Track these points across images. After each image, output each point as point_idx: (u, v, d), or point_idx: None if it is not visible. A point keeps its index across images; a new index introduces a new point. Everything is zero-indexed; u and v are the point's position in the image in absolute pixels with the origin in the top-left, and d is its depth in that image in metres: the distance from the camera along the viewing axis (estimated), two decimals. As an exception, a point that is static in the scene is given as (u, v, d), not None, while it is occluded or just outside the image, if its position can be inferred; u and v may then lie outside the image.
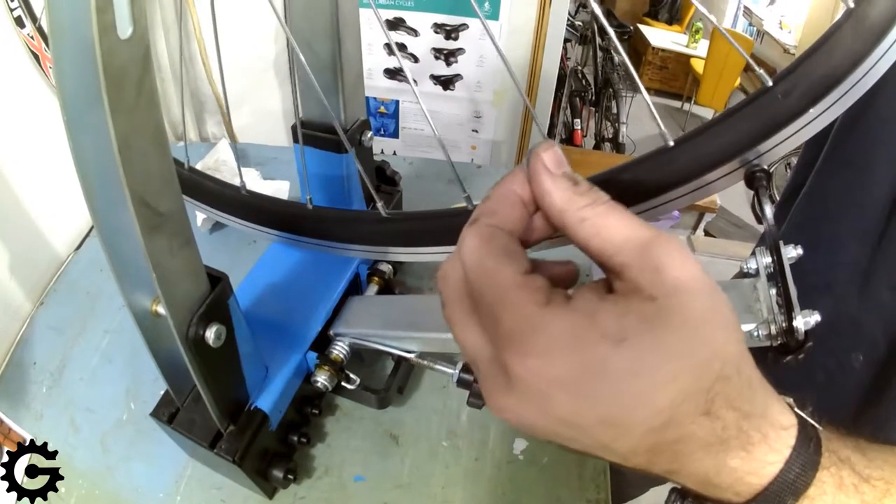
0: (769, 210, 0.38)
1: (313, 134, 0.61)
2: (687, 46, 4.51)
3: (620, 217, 0.26)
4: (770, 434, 0.27)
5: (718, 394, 0.25)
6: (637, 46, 4.86)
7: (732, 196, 3.12)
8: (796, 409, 0.29)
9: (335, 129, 0.54)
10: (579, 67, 3.28)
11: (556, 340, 0.24)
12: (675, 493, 0.31)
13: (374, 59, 1.36)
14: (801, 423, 0.28)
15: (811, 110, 0.34)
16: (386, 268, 0.69)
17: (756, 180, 0.38)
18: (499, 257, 0.26)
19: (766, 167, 0.38)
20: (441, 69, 1.36)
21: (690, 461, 0.26)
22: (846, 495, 0.27)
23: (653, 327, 0.24)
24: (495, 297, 0.26)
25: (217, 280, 0.44)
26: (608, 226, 0.26)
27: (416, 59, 1.35)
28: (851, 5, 0.33)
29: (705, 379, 0.25)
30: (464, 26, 1.29)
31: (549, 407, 0.25)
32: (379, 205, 0.56)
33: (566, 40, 2.16)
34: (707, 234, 3.04)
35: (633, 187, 0.38)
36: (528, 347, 0.25)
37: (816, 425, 0.28)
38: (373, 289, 0.68)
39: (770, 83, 0.34)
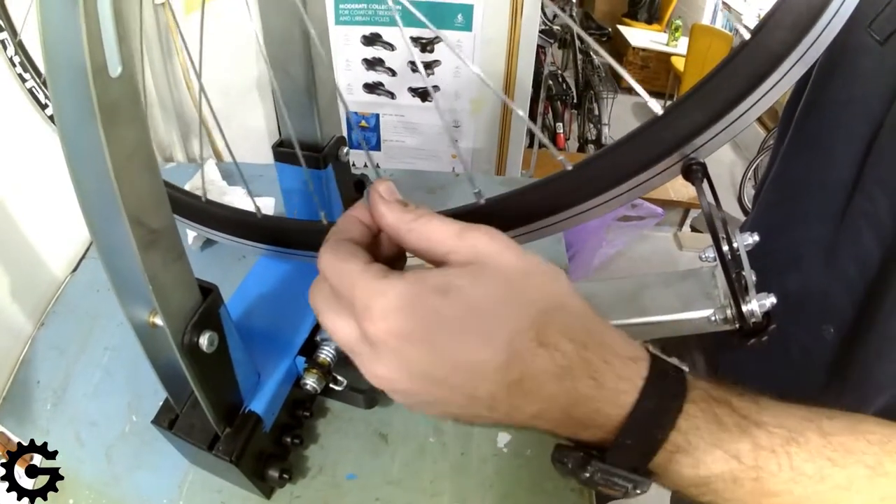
0: (706, 202, 0.41)
1: (292, 152, 0.64)
2: (667, 45, 4.53)
3: (440, 222, 0.32)
4: (615, 362, 0.30)
5: (547, 325, 0.29)
6: (617, 47, 4.88)
7: (718, 191, 3.14)
8: (649, 348, 0.32)
9: (312, 146, 0.57)
10: (559, 71, 3.32)
11: (395, 300, 0.29)
12: (557, 450, 0.34)
13: (353, 75, 1.39)
14: (654, 357, 0.31)
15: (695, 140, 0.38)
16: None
17: (692, 173, 0.41)
18: (345, 256, 0.32)
19: (702, 160, 0.41)
20: (419, 81, 1.39)
21: (546, 397, 0.29)
22: (730, 434, 0.30)
23: (472, 278, 0.29)
24: (347, 284, 0.31)
25: (208, 291, 0.47)
26: (431, 229, 0.32)
27: (393, 73, 1.38)
28: (747, 37, 0.37)
29: (527, 314, 0.29)
30: (439, 39, 1.32)
31: (408, 363, 0.29)
32: (255, 208, 0.64)
33: (540, 46, 2.19)
34: (693, 229, 3.08)
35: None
36: (375, 313, 0.29)
37: (681, 366, 0.32)
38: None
39: (661, 112, 0.38)
